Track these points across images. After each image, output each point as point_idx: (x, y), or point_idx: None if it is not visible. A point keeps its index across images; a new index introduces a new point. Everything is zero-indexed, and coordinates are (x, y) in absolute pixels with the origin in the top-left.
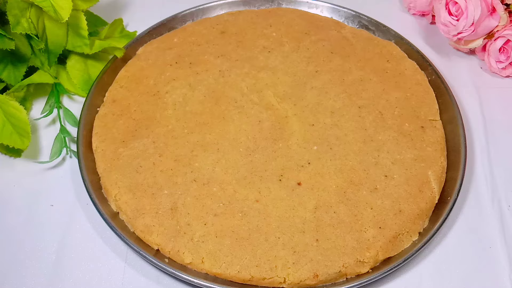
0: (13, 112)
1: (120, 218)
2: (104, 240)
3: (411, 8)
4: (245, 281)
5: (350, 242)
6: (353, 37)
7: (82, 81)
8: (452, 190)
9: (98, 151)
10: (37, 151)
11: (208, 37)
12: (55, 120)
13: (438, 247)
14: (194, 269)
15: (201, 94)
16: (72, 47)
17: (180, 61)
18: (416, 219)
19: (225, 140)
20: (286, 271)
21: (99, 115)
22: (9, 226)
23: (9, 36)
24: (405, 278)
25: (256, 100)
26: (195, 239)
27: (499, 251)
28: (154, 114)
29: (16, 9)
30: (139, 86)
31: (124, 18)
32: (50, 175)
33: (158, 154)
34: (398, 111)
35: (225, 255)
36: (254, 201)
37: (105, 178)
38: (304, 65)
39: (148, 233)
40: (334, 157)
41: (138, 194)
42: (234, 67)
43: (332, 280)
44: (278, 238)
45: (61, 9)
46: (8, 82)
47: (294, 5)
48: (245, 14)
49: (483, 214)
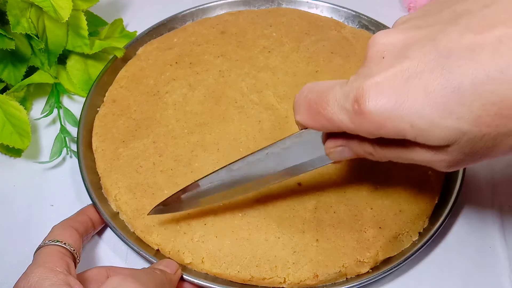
0: (13, 112)
1: (120, 218)
2: (104, 240)
3: (411, 8)
4: (245, 281)
5: (350, 242)
6: (353, 37)
7: (82, 81)
8: (452, 190)
9: (98, 151)
10: (37, 151)
11: (208, 37)
12: (55, 120)
13: (438, 247)
14: (194, 269)
15: (201, 94)
16: (72, 47)
17: (180, 61)
18: (416, 219)
19: (225, 140)
20: (286, 271)
21: (99, 115)
22: (9, 226)
23: (9, 36)
24: (405, 278)
25: (256, 100)
26: (195, 239)
27: (499, 251)
28: (154, 114)
29: (16, 9)
30: (139, 86)
31: (124, 18)
32: (50, 175)
33: (158, 154)
34: None
35: (225, 255)
36: (254, 201)
37: (105, 178)
38: (304, 65)
39: (148, 233)
40: None
41: (138, 194)
42: (234, 67)
43: (332, 280)
44: (278, 238)
45: (61, 9)
46: (8, 82)
47: (294, 5)
48: (245, 14)
49: (483, 214)
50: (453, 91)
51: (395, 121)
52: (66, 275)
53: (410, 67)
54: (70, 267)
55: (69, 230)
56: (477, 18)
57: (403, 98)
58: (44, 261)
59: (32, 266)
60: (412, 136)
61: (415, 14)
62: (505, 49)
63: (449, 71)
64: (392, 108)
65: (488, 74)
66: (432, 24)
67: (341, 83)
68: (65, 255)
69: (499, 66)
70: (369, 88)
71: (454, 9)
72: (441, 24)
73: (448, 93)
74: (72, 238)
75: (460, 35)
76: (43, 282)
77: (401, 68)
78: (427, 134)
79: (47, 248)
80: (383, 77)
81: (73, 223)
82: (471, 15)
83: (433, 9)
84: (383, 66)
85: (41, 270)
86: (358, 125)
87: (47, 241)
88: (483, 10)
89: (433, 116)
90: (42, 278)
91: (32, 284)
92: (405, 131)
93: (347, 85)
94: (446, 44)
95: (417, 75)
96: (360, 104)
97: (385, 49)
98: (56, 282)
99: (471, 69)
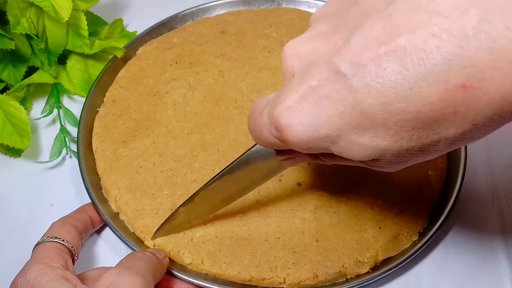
0: (13, 112)
1: (120, 218)
2: (104, 240)
3: None
4: (245, 282)
5: (350, 242)
6: None
7: (82, 81)
8: (452, 190)
9: (98, 152)
10: (37, 151)
11: (208, 37)
12: (55, 120)
13: (438, 247)
14: (194, 269)
15: (201, 94)
16: (72, 47)
17: (180, 61)
18: (416, 219)
19: (225, 140)
20: (286, 271)
21: (99, 116)
22: (9, 226)
23: (9, 36)
24: (405, 278)
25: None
26: (195, 239)
27: (499, 251)
28: (154, 114)
29: (16, 9)
30: (139, 86)
31: (124, 18)
32: (50, 175)
33: (158, 154)
34: None
35: (225, 256)
36: (254, 201)
37: (105, 178)
38: None
39: (149, 233)
40: None
41: (138, 195)
42: (234, 67)
43: (332, 280)
44: (278, 239)
45: (61, 9)
46: (8, 82)
47: (294, 4)
48: (245, 13)
49: (483, 214)
50: (363, 111)
51: (316, 142)
52: (63, 270)
53: (317, 87)
54: (67, 263)
55: (67, 227)
56: (381, 21)
57: (317, 121)
58: (42, 257)
59: (30, 262)
60: (337, 152)
61: (326, 10)
62: (410, 61)
63: (355, 91)
64: (308, 131)
65: (397, 92)
66: (338, 29)
67: (268, 105)
68: (62, 251)
69: (407, 82)
70: (283, 114)
71: (361, 6)
72: (347, 29)
73: (358, 113)
74: (70, 235)
75: (364, 47)
76: (41, 278)
77: (309, 88)
78: (349, 151)
79: (44, 245)
80: (293, 101)
81: (72, 220)
82: (376, 17)
83: (344, 3)
84: (293, 86)
85: (39, 266)
86: (290, 146)
87: (45, 238)
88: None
89: (350, 135)
90: (40, 274)
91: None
92: (329, 148)
93: (268, 109)
94: (350, 59)
95: (326, 96)
96: (279, 130)
97: (294, 66)
98: (54, 278)
99: (377, 87)
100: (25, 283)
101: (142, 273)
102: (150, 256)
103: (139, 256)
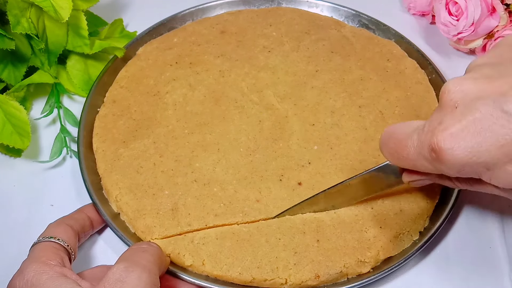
0: (13, 112)
1: (121, 219)
2: (104, 240)
3: (411, 8)
4: (246, 283)
5: (351, 242)
6: (353, 36)
7: (82, 81)
8: (453, 190)
9: (98, 152)
10: (37, 151)
11: (208, 37)
12: (55, 120)
13: (438, 247)
14: (195, 271)
15: (201, 94)
16: (72, 47)
17: (180, 61)
18: (416, 219)
19: (225, 140)
20: (287, 272)
21: (100, 116)
22: (9, 226)
23: (9, 36)
24: (406, 277)
25: (256, 100)
26: (196, 241)
27: (499, 251)
28: (155, 114)
29: (16, 9)
30: (139, 86)
31: (124, 18)
32: (50, 175)
33: (159, 154)
34: (399, 110)
35: (226, 257)
36: (255, 201)
37: (106, 178)
38: (304, 64)
39: (149, 234)
40: (334, 157)
41: (139, 195)
42: (234, 67)
43: (333, 281)
44: (279, 239)
45: (61, 9)
46: (8, 82)
47: (294, 4)
48: (245, 13)
49: (483, 214)
50: None
51: (472, 166)
52: (61, 267)
53: (481, 119)
54: (64, 261)
55: (63, 226)
56: None
57: (478, 148)
58: (38, 256)
59: (26, 262)
60: (487, 179)
61: (487, 60)
62: None
63: None
64: (467, 157)
65: None
66: (503, 76)
67: (418, 131)
68: (59, 250)
69: None
70: (445, 140)
71: None
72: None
73: None
74: (66, 234)
75: None
76: (40, 276)
77: (473, 120)
78: (502, 179)
79: (41, 245)
80: (457, 129)
81: (68, 220)
82: None
83: (506, 56)
84: (456, 116)
85: (36, 265)
86: (439, 170)
87: (41, 238)
88: None
89: (506, 165)
90: (39, 273)
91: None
92: (481, 174)
93: (423, 134)
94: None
95: (488, 128)
96: (437, 154)
97: (458, 99)
98: (53, 275)
99: None
100: (23, 283)
101: (148, 267)
102: (155, 248)
103: (144, 247)
